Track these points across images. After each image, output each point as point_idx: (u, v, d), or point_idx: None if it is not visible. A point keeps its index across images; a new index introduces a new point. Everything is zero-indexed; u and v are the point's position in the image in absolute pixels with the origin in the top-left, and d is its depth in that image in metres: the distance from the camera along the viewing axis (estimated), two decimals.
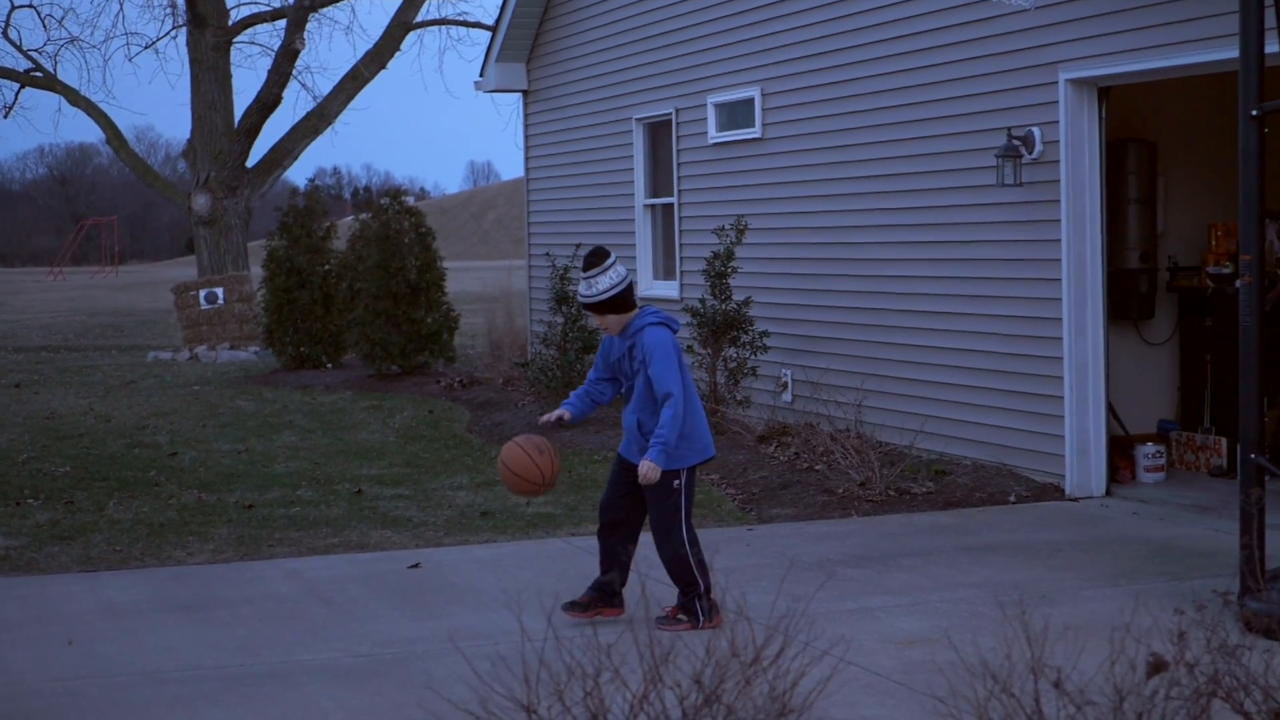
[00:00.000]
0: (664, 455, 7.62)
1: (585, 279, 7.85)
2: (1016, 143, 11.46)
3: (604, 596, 7.86)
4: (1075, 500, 11.19)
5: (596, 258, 7.83)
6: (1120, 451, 11.84)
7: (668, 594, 8.27)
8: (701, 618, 7.71)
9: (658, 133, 17.02)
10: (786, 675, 4.52)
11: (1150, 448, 11.87)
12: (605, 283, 7.79)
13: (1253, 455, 7.62)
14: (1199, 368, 12.71)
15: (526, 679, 4.61)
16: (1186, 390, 12.93)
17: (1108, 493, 11.34)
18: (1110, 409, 11.60)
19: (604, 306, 7.81)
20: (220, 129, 28.58)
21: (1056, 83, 11.22)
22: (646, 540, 10.06)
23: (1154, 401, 12.99)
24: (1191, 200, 12.96)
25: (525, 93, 19.80)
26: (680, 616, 7.79)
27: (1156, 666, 4.50)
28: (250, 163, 29.07)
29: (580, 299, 7.91)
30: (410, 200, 20.41)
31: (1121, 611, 7.54)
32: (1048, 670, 4.45)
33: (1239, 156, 7.72)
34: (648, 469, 7.63)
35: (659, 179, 17.08)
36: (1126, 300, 12.52)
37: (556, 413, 8.00)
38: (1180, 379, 13.02)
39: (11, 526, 10.87)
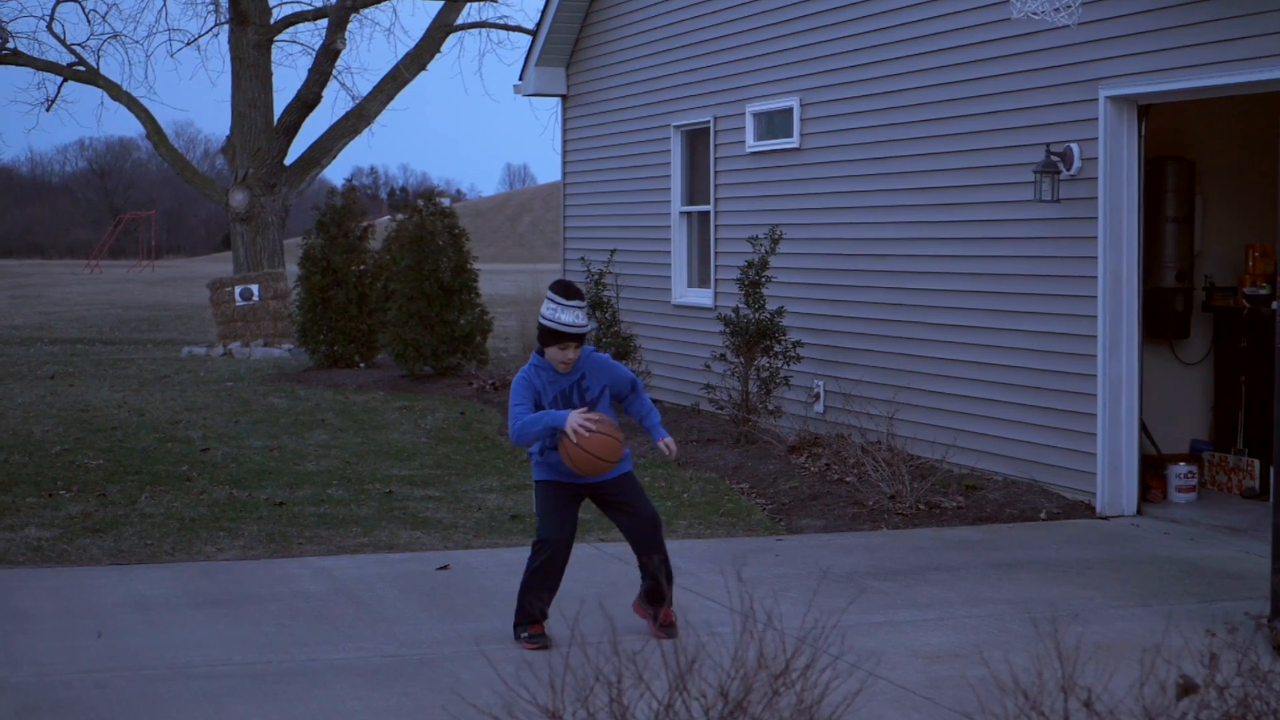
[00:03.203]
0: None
1: (575, 308, 7.60)
2: (1055, 159, 11.43)
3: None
4: (1106, 519, 11.15)
5: (578, 288, 7.75)
6: (1152, 470, 11.79)
7: (695, 603, 8.28)
8: None
9: (695, 140, 17.02)
10: (814, 688, 4.51)
11: (1182, 468, 11.81)
12: (585, 314, 7.73)
13: None
14: (1233, 388, 12.65)
15: (552, 684, 4.61)
16: (1220, 411, 12.87)
17: (1139, 512, 11.29)
18: (1143, 428, 11.55)
19: (583, 337, 7.75)
20: (260, 127, 28.69)
21: (1097, 99, 11.19)
22: (678, 548, 10.06)
23: (1187, 421, 12.93)
24: (1229, 220, 12.90)
25: (564, 97, 19.83)
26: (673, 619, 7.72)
27: (1186, 689, 4.47)
28: (288, 161, 29.18)
29: (570, 328, 7.57)
30: (445, 202, 20.45)
31: (1151, 632, 7.53)
32: (1078, 689, 4.44)
33: (1278, 178, 7.68)
34: (673, 443, 7.82)
35: (696, 187, 17.08)
36: (1162, 319, 12.47)
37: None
38: (1214, 399, 12.96)
39: (44, 518, 10.93)
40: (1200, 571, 9.41)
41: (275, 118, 28.97)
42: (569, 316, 7.59)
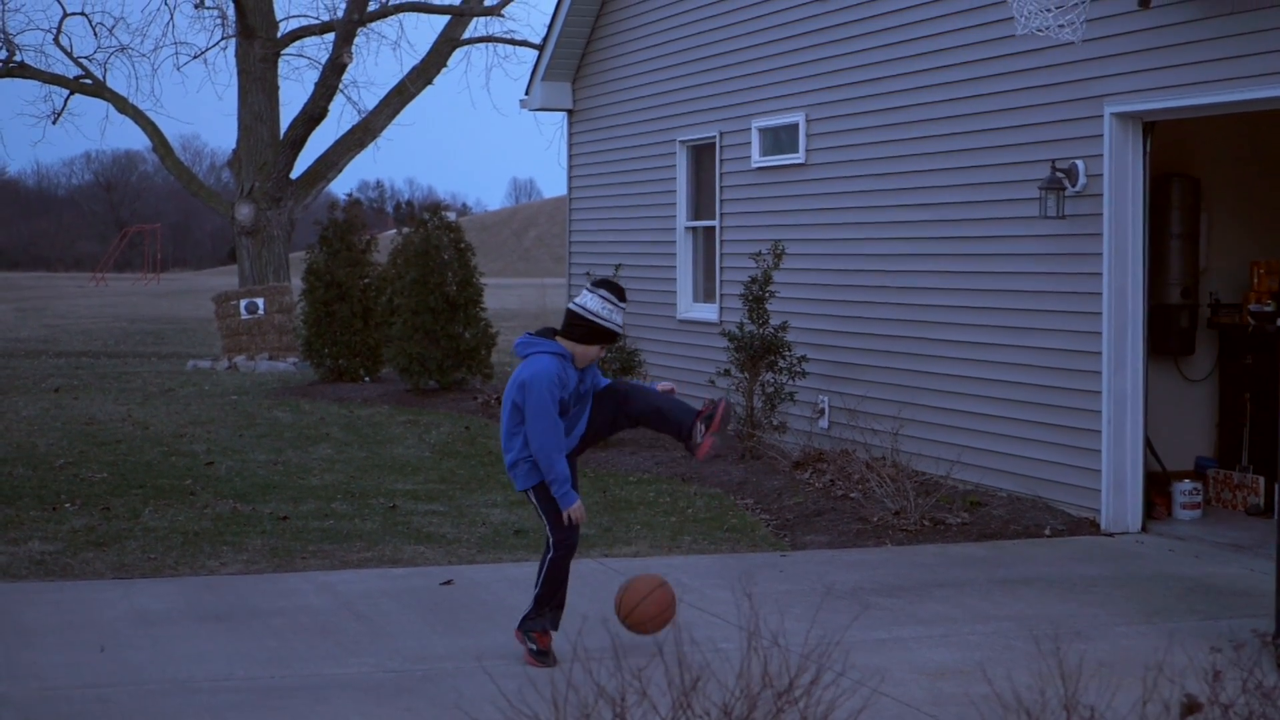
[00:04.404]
0: None
1: (624, 310, 7.72)
2: (1060, 175, 11.43)
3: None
4: (1110, 535, 11.13)
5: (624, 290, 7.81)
6: (1157, 487, 11.77)
7: (699, 619, 8.28)
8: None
9: (701, 155, 17.03)
10: (818, 705, 4.50)
11: (1187, 484, 11.80)
12: None
13: None
14: (1238, 405, 12.64)
15: (555, 701, 4.61)
16: (1225, 428, 12.86)
17: (1143, 529, 11.27)
18: (1148, 444, 11.54)
19: None
20: (266, 140, 28.72)
21: (1102, 116, 11.19)
22: (682, 564, 10.06)
23: (1192, 438, 12.91)
24: (1234, 237, 12.90)
25: (570, 112, 19.85)
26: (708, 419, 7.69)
27: (1191, 707, 4.46)
28: (294, 174, 29.19)
29: (621, 330, 7.68)
30: (451, 216, 20.45)
31: (1155, 650, 7.51)
32: (1081, 708, 4.43)
33: None
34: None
35: (701, 202, 17.09)
36: (1167, 336, 12.46)
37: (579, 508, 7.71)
38: (1219, 416, 12.94)
39: (48, 531, 10.93)
40: (1205, 589, 9.40)
41: (281, 131, 28.99)
42: (621, 318, 7.68)
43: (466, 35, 30.53)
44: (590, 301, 7.60)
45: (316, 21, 30.73)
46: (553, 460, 7.46)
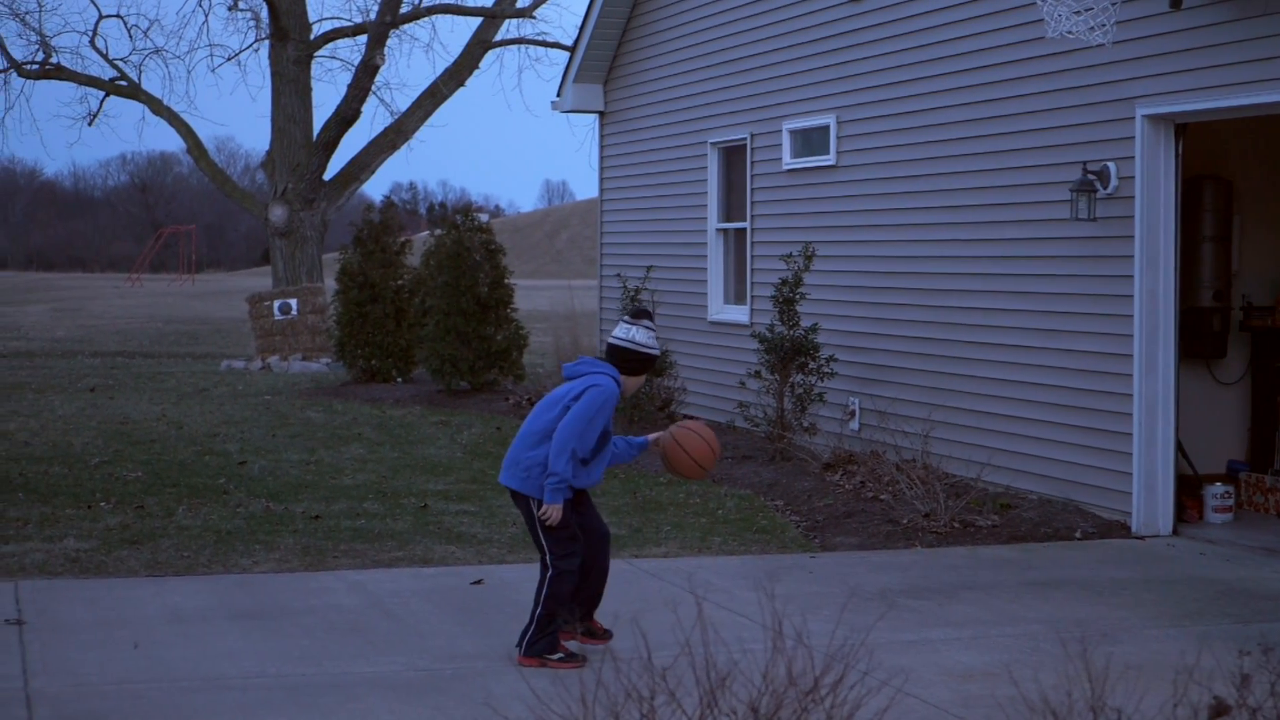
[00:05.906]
0: None
1: (653, 331, 7.79)
2: (1092, 177, 11.42)
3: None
4: (1141, 538, 11.11)
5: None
6: (1188, 491, 11.74)
7: (728, 619, 8.29)
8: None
9: (732, 157, 17.05)
10: (844, 705, 4.52)
11: (1219, 488, 11.76)
12: None
13: None
14: (1270, 408, 12.60)
15: (584, 699, 4.63)
16: (1257, 431, 12.82)
17: (1174, 532, 11.25)
18: (1179, 448, 11.52)
19: None
20: (299, 142, 28.85)
21: (1133, 118, 11.17)
22: (711, 565, 10.08)
23: (1224, 441, 12.88)
24: (1268, 240, 12.86)
25: (601, 114, 19.88)
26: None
27: (1219, 710, 4.46)
28: (327, 176, 29.32)
29: (652, 352, 7.75)
30: (483, 218, 20.50)
31: (1185, 653, 7.50)
32: (1108, 710, 4.43)
33: None
34: None
35: (732, 204, 17.10)
36: (1199, 339, 12.44)
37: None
38: (1251, 419, 12.91)
39: (83, 529, 11.01)
40: (1236, 592, 9.38)
41: (314, 133, 29.12)
42: (653, 341, 7.77)
43: (499, 37, 30.62)
44: (639, 335, 7.72)
45: (349, 24, 30.88)
46: (566, 461, 7.46)
